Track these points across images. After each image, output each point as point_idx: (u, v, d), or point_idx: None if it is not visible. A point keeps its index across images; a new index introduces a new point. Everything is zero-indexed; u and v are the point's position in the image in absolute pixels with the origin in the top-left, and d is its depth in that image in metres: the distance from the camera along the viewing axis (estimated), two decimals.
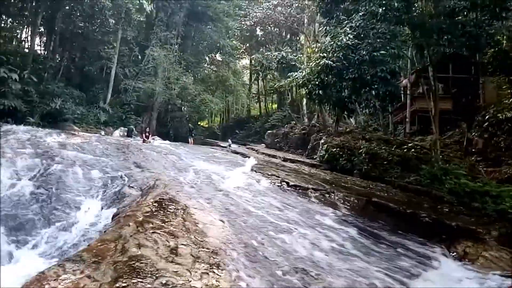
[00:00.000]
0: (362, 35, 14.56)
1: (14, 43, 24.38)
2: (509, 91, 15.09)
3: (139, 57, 33.52)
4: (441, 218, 8.91)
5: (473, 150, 14.69)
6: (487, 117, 14.51)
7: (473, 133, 15.29)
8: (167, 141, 22.32)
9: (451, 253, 7.38)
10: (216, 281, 3.98)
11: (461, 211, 10.18)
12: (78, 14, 28.69)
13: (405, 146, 16.29)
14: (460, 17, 13.33)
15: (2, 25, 26.85)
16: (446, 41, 13.31)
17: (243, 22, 37.84)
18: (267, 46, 39.23)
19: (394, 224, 8.57)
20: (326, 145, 18.20)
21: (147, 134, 21.01)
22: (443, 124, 17.49)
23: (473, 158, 14.37)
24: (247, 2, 41.18)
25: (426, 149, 15.50)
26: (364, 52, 14.14)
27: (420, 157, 14.85)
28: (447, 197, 11.22)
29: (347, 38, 14.53)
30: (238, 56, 46.47)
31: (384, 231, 8.01)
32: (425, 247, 7.37)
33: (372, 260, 6.17)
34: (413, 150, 15.73)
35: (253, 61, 40.87)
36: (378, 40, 14.18)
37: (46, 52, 29.96)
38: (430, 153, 14.46)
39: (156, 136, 24.44)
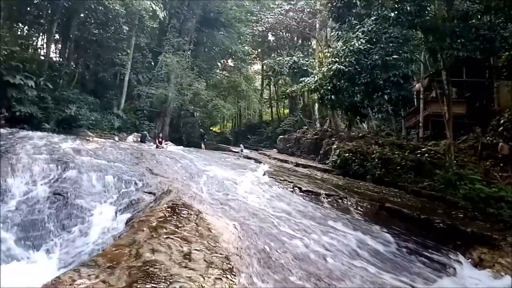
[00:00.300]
0: (374, 40, 14.51)
1: (30, 50, 24.82)
2: None
3: (152, 63, 33.84)
4: (456, 224, 8.81)
5: (497, 155, 14.42)
6: (502, 121, 14.31)
7: (488, 138, 15.07)
8: (179, 146, 22.41)
9: (466, 260, 7.30)
10: (230, 286, 3.99)
11: (476, 217, 10.06)
12: (92, 21, 29.09)
13: (419, 151, 16.13)
14: (473, 21, 13.22)
15: (19, 33, 27.42)
16: (460, 45, 13.18)
17: (255, 28, 37.93)
18: (278, 51, 39.30)
19: (408, 230, 8.50)
20: (338, 150, 18.13)
21: (160, 139, 20.86)
22: (457, 129, 17.28)
23: (488, 163, 14.17)
24: (259, 7, 41.33)
25: (440, 154, 15.33)
26: (377, 56, 14.08)
27: (434, 162, 14.69)
28: (462, 202, 11.10)
29: (359, 42, 14.49)
30: (250, 61, 46.59)
31: (398, 237, 7.94)
32: (440, 253, 7.30)
33: (386, 266, 6.13)
34: (426, 155, 15.57)
35: (264, 66, 40.92)
36: (391, 45, 14.11)
37: (61, 59, 30.43)
38: (444, 158, 14.30)
39: (169, 142, 24.58)
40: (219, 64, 43.88)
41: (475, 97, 18.81)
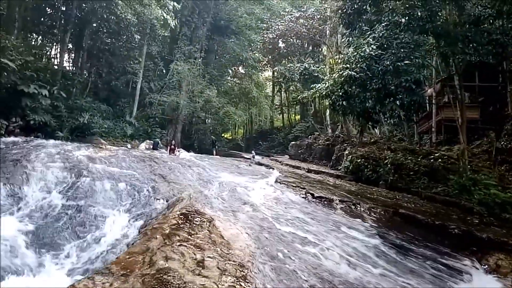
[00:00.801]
0: (385, 46, 14.48)
1: (44, 60, 25.26)
2: None
3: (164, 71, 34.18)
4: (471, 230, 8.69)
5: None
6: None
7: (502, 142, 14.87)
8: (191, 153, 22.55)
9: (482, 266, 7.19)
10: None
11: (492, 222, 9.91)
12: (105, 31, 29.56)
13: (432, 156, 15.97)
14: (485, 25, 13.12)
15: (33, 43, 27.95)
16: (472, 50, 13.10)
17: (265, 35, 38.04)
18: (289, 58, 39.34)
19: (423, 236, 8.40)
20: (350, 156, 18.05)
21: (173, 146, 20.94)
22: (471, 134, 17.09)
23: (502, 168, 13.97)
24: (269, 15, 41.49)
25: (453, 159, 15.15)
26: (388, 62, 14.04)
27: (448, 167, 14.53)
28: (477, 208, 10.95)
29: (370, 48, 14.48)
30: (260, 68, 46.73)
31: (412, 243, 7.86)
32: (455, 259, 7.20)
33: (401, 273, 6.07)
34: (440, 160, 15.40)
35: (275, 73, 41.06)
36: (402, 50, 14.06)
37: (74, 68, 30.92)
38: (458, 163, 14.13)
39: (181, 149, 24.71)
40: (230, 71, 44.13)
41: (489, 102, 18.57)
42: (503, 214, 10.26)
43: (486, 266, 7.27)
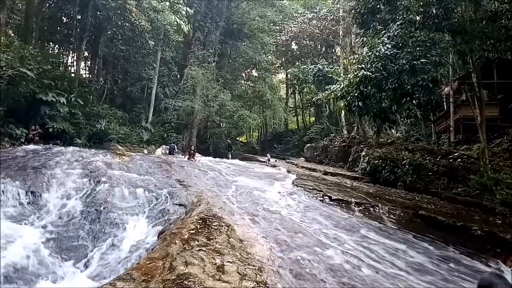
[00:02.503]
0: (400, 44, 14.30)
1: (61, 68, 25.56)
2: None
3: (178, 76, 34.41)
4: (494, 231, 8.51)
5: None
6: None
7: None
8: (207, 157, 22.62)
9: (507, 268, 7.02)
10: None
11: None
12: (119, 38, 29.92)
13: (451, 156, 15.70)
14: (503, 21, 12.85)
15: (50, 52, 28.44)
16: (490, 46, 12.85)
17: (278, 37, 38.09)
18: (302, 59, 39.26)
19: (444, 237, 8.26)
20: (367, 157, 17.89)
21: (192, 151, 20.03)
22: (490, 132, 16.74)
23: None
24: (281, 17, 41.56)
25: (473, 158, 14.86)
26: (404, 61, 13.86)
27: (468, 167, 14.26)
28: (499, 208, 10.72)
29: (385, 48, 14.31)
30: (274, 71, 46.77)
31: (433, 245, 7.72)
32: (479, 261, 7.05)
33: (423, 276, 5.96)
34: (459, 160, 15.14)
35: (289, 75, 40.97)
36: (418, 49, 13.87)
37: (90, 76, 31.38)
38: (478, 162, 13.85)
39: (196, 153, 24.81)
40: (243, 74, 44.27)
41: (508, 99, 18.18)
42: None
43: (511, 267, 7.10)
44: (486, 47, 12.92)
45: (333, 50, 40.31)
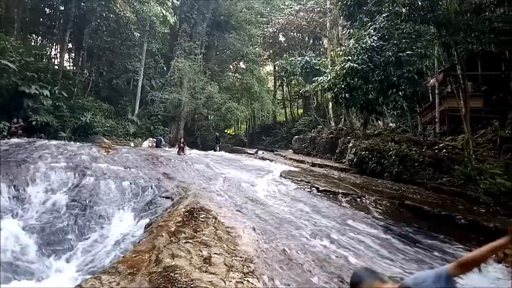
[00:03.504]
0: (386, 36, 14.36)
1: (44, 60, 25.07)
2: None
3: (165, 68, 34.11)
4: (478, 220, 8.68)
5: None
6: None
7: (507, 131, 14.77)
8: (194, 150, 22.52)
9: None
10: None
11: (498, 211, 9.89)
12: (104, 29, 29.48)
13: (436, 147, 15.91)
14: (487, 13, 12.98)
15: (33, 43, 27.92)
16: (474, 39, 12.97)
17: (265, 29, 37.88)
18: (290, 51, 39.21)
19: (429, 227, 8.40)
20: (354, 149, 18.01)
21: (182, 145, 19.25)
22: (475, 123, 16.98)
23: (508, 157, 13.89)
24: (268, 9, 41.33)
25: (458, 149, 15.09)
26: (390, 53, 13.92)
27: (453, 158, 14.48)
28: (483, 197, 10.91)
29: (372, 40, 14.35)
30: (261, 63, 46.61)
31: (419, 234, 7.85)
32: (463, 250, 7.18)
33: (408, 264, 6.05)
34: (444, 150, 15.35)
35: (276, 67, 40.93)
36: (404, 41, 13.94)
37: (75, 68, 30.95)
38: (463, 153, 14.06)
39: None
40: (231, 66, 44.03)
41: (492, 90, 18.43)
42: (509, 203, 10.21)
43: (494, 255, 7.25)
44: (470, 40, 13.03)
45: (321, 42, 40.26)
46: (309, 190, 10.84)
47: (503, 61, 17.95)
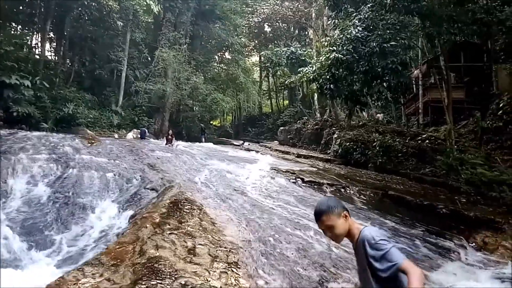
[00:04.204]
0: (371, 27, 14.40)
1: (24, 50, 24.46)
2: None
3: (149, 58, 33.68)
4: (459, 209, 8.84)
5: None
6: (501, 104, 14.24)
7: (488, 122, 15.02)
8: (179, 142, 22.39)
9: (470, 244, 7.33)
10: (235, 279, 3.99)
11: (479, 201, 10.08)
12: (86, 18, 28.88)
13: (419, 138, 16.12)
14: (470, 5, 13.09)
15: (12, 32, 27.22)
16: (457, 29, 13.09)
17: (250, 19, 37.75)
18: (275, 42, 39.17)
19: (411, 216, 8.52)
20: (339, 140, 18.14)
21: (170, 137, 19.25)
22: (457, 114, 17.24)
23: (489, 147, 14.15)
24: None
25: (440, 139, 15.31)
26: (374, 44, 13.97)
27: (435, 148, 14.69)
28: (464, 187, 11.10)
29: (356, 30, 14.37)
30: (247, 53, 46.43)
31: (401, 224, 7.96)
32: (444, 239, 7.32)
33: None
34: (427, 141, 15.56)
35: (262, 58, 40.73)
36: (388, 31, 14.00)
37: (56, 58, 30.33)
38: (445, 143, 14.28)
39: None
40: (216, 57, 43.72)
41: (474, 82, 18.70)
42: (489, 192, 10.40)
43: (474, 244, 7.41)
44: (453, 31, 13.15)
45: (306, 32, 40.32)
46: (294, 181, 10.87)
47: (485, 52, 18.21)
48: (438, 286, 5.25)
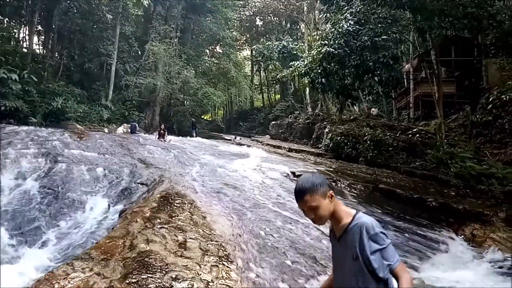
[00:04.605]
0: (363, 21, 14.41)
1: (12, 43, 23.98)
2: None
3: (139, 52, 33.32)
4: (448, 202, 8.92)
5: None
6: (491, 99, 14.35)
7: (478, 116, 15.16)
8: (170, 136, 22.25)
9: (459, 236, 7.41)
10: (226, 273, 3.98)
11: (468, 194, 10.19)
12: (75, 10, 28.30)
13: (410, 132, 16.23)
14: None
15: None
16: (448, 24, 13.14)
17: (242, 13, 37.55)
18: (267, 36, 39.03)
19: (402, 209, 8.58)
20: (330, 134, 18.18)
21: (162, 131, 18.71)
22: (447, 108, 17.36)
23: (478, 141, 14.29)
24: None
25: (431, 133, 15.43)
26: (366, 37, 13.99)
27: (425, 142, 14.81)
28: (454, 180, 11.22)
29: (348, 24, 14.37)
30: (238, 47, 46.22)
31: (391, 217, 8.02)
32: (433, 231, 7.40)
33: None
34: (418, 135, 15.67)
35: (254, 52, 40.61)
36: (379, 25, 14.02)
37: (44, 51, 29.79)
38: (435, 137, 14.39)
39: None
40: (207, 51, 43.42)
41: (464, 76, 18.83)
42: (478, 186, 10.53)
43: (462, 236, 7.50)
44: (444, 25, 13.20)
45: (298, 26, 40.17)
46: (285, 175, 10.88)
47: (475, 46, 18.32)
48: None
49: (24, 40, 28.34)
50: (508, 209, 8.51)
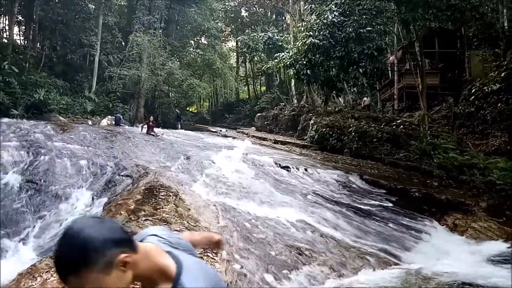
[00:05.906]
0: (347, 12, 14.43)
1: None
2: (494, 64, 15.15)
3: (123, 43, 32.85)
4: (431, 192, 9.06)
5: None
6: (473, 90, 14.56)
7: (460, 107, 15.38)
8: (157, 129, 22.05)
9: (441, 226, 7.54)
10: (211, 264, 3.97)
11: (450, 184, 10.37)
12: (56, 0, 27.88)
13: (394, 123, 16.38)
14: None
15: None
16: (432, 15, 13.26)
17: (227, 3, 37.18)
18: (252, 27, 38.75)
19: (386, 200, 8.67)
20: (316, 126, 18.22)
21: (151, 124, 16.98)
22: (431, 100, 17.56)
23: (461, 132, 14.50)
24: None
25: (414, 125, 15.60)
26: (350, 29, 14.03)
27: (409, 133, 14.97)
28: (436, 171, 11.38)
29: (333, 15, 14.38)
30: (223, 38, 45.88)
31: (375, 207, 8.09)
32: (416, 221, 7.50)
33: (365, 235, 6.24)
34: (402, 126, 15.83)
35: (239, 43, 40.40)
36: (364, 17, 14.06)
37: (26, 42, 29.14)
38: (419, 128, 14.56)
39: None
40: (192, 42, 42.96)
41: (448, 68, 19.05)
42: (460, 176, 10.71)
43: (445, 225, 7.63)
44: (428, 16, 13.32)
45: (283, 17, 39.98)
46: (271, 166, 10.89)
47: (458, 38, 18.51)
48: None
49: (4, 31, 27.66)
50: (489, 199, 8.69)
